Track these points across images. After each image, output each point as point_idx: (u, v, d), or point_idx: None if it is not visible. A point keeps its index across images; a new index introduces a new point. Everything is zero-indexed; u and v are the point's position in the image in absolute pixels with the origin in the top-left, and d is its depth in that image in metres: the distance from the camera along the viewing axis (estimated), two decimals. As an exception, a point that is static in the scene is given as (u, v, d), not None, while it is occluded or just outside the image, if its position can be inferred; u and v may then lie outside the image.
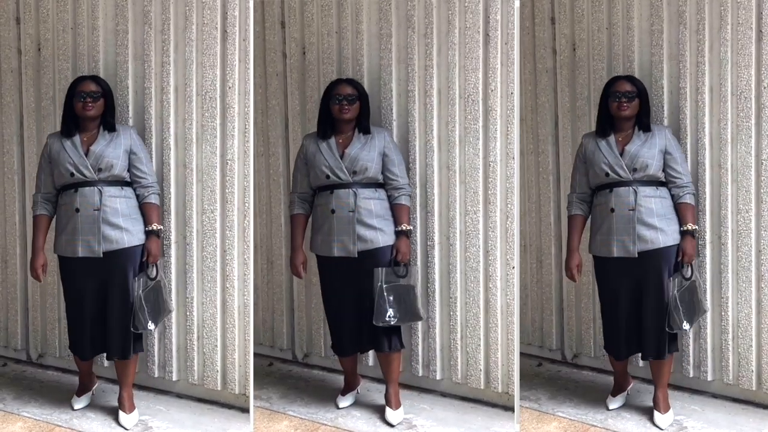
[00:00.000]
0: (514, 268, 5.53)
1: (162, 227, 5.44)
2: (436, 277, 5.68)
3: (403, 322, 5.47)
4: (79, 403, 5.62)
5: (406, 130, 5.66)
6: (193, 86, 5.50)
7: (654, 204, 5.32)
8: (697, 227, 5.36)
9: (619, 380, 5.67)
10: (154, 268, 5.40)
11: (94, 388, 5.68)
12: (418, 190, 5.64)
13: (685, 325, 5.34)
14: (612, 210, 5.32)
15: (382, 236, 5.43)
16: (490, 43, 5.47)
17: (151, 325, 5.36)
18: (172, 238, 5.59)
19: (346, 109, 5.42)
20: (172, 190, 5.57)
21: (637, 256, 5.30)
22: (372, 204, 5.42)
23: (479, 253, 5.58)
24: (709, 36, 5.47)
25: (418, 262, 5.66)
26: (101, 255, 5.29)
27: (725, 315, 5.57)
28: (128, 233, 5.33)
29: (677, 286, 5.31)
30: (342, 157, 5.42)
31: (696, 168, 5.53)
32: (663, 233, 5.31)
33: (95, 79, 5.42)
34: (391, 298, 5.39)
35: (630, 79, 5.42)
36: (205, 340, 5.62)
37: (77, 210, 5.29)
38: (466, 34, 5.51)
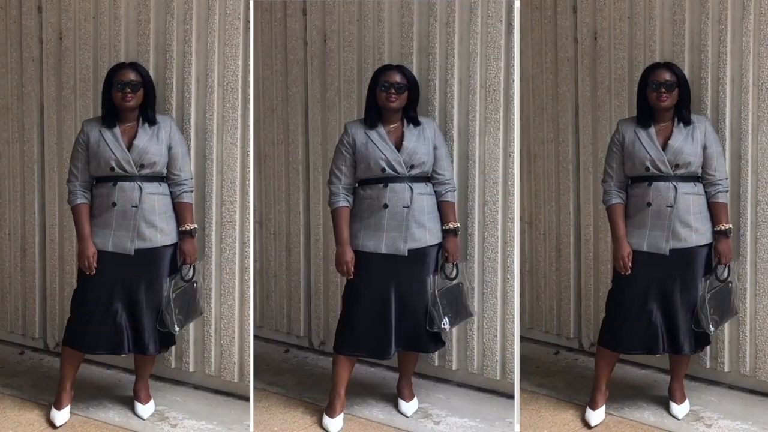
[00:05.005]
0: (513, 254, 5.54)
1: (196, 226, 5.34)
2: (454, 267, 5.67)
3: (456, 323, 5.36)
4: (61, 417, 5.36)
5: (425, 119, 5.64)
6: (215, 77, 5.47)
7: (692, 201, 5.21)
8: (731, 226, 5.29)
9: (601, 386, 5.45)
10: (191, 270, 5.31)
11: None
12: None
13: (711, 328, 5.25)
14: (649, 204, 5.20)
15: (430, 235, 5.25)
16: (513, 32, 5.42)
17: (177, 328, 5.26)
18: (191, 228, 5.57)
19: (393, 98, 5.18)
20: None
21: (668, 254, 5.19)
22: (424, 200, 5.22)
23: (497, 244, 5.56)
24: (731, 26, 5.44)
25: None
26: (132, 253, 5.17)
27: (743, 306, 5.56)
28: (162, 232, 5.22)
29: (709, 287, 5.22)
30: (399, 149, 5.22)
31: (717, 159, 5.53)
32: (697, 232, 5.20)
33: (135, 67, 5.25)
34: (445, 302, 5.26)
35: (669, 67, 5.27)
36: (223, 332, 5.60)
37: (114, 204, 5.16)
38: (488, 23, 5.47)
